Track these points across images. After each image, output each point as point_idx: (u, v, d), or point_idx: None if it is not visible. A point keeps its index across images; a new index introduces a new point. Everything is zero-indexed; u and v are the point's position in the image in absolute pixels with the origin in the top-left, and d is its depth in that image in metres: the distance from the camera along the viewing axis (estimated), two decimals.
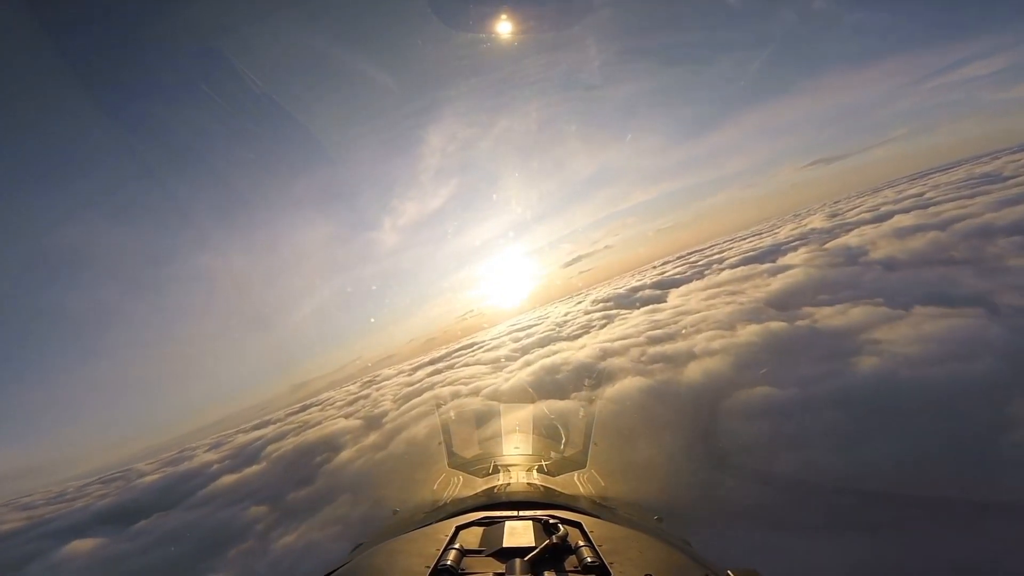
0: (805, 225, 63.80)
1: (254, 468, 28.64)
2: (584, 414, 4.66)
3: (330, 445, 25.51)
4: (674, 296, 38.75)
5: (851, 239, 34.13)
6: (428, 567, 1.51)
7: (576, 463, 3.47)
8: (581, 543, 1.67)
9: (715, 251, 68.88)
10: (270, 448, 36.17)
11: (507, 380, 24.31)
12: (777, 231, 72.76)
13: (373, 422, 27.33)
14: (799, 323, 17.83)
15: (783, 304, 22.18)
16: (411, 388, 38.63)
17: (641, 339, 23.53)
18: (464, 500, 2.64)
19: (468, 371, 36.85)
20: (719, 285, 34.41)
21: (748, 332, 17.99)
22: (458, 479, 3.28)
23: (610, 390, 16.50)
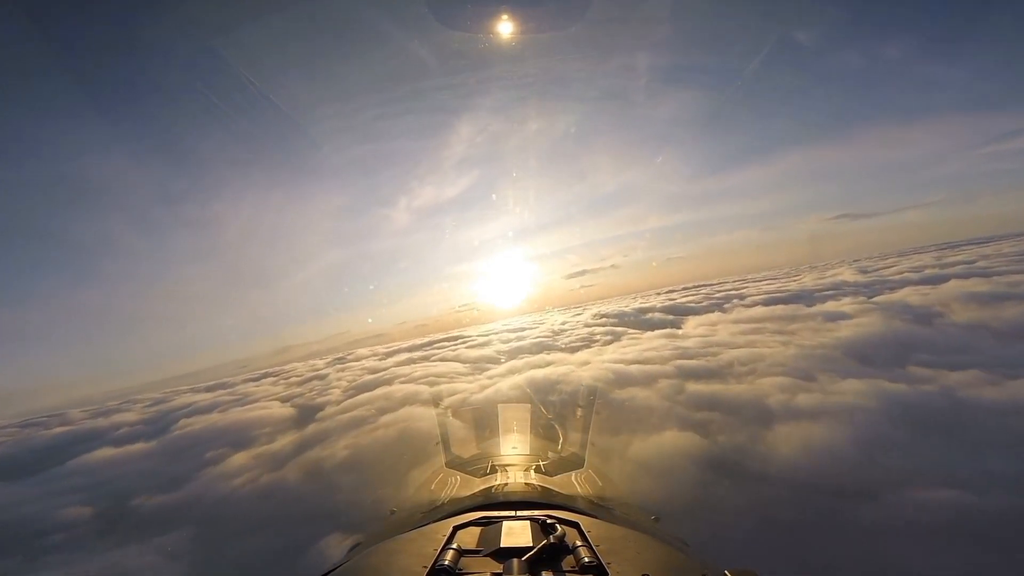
0: (831, 276, 60.47)
1: (139, 446, 23.04)
2: (582, 414, 4.49)
3: (238, 437, 20.44)
4: (693, 324, 34.26)
5: (907, 296, 30.73)
6: (425, 567, 1.47)
7: (574, 463, 3.34)
8: (579, 543, 1.63)
9: (729, 287, 64.84)
10: (184, 422, 30.85)
11: (484, 388, 20.58)
12: (797, 278, 69.25)
13: (304, 416, 22.70)
14: (925, 388, 12.44)
15: (868, 358, 17.33)
16: (372, 376, 34.83)
17: (669, 368, 17.99)
18: (462, 500, 2.55)
19: (442, 367, 34.53)
20: (753, 321, 29.61)
21: (849, 390, 12.62)
22: (455, 479, 3.12)
23: (642, 442, 10.80)
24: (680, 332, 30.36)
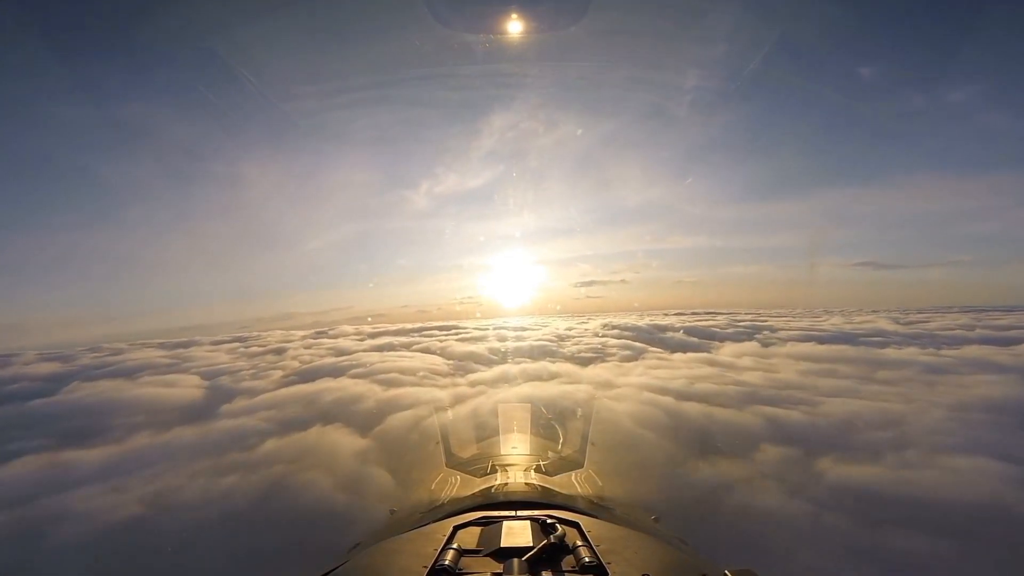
0: (863, 322, 55.82)
1: None
2: (582, 414, 4.52)
3: (89, 424, 15.48)
4: (730, 352, 28.44)
5: (989, 355, 25.43)
6: (426, 567, 1.43)
7: (574, 463, 3.26)
8: (579, 543, 1.59)
9: (750, 318, 59.72)
10: (76, 386, 24.74)
11: (459, 400, 15.65)
12: (821, 318, 64.70)
13: (198, 410, 18.30)
14: None
15: None
16: (332, 361, 29.62)
17: (753, 419, 12.28)
18: (462, 500, 2.45)
19: (418, 361, 27.47)
20: (816, 359, 24.06)
21: None
22: (456, 479, 3.03)
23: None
24: (719, 359, 24.63)
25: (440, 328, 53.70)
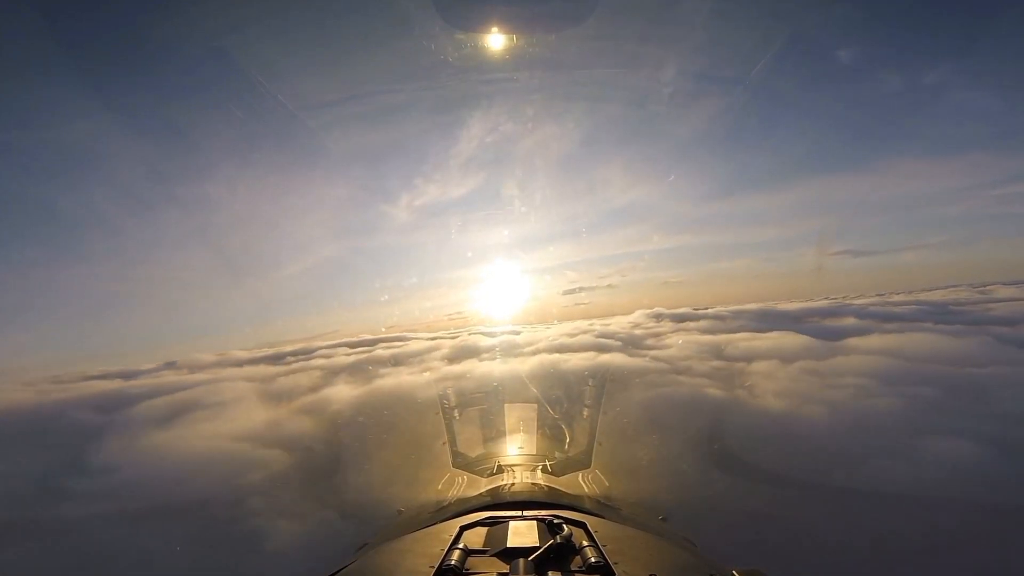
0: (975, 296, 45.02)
1: None
2: (588, 414, 4.46)
3: None
4: None
5: None
6: (432, 567, 1.46)
7: (580, 463, 3.33)
8: (585, 543, 1.62)
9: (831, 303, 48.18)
10: None
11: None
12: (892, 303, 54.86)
13: None
14: None
15: None
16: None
17: None
18: (468, 500, 2.53)
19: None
20: None
21: None
22: (462, 479, 3.11)
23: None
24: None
25: (356, 343, 35.61)
